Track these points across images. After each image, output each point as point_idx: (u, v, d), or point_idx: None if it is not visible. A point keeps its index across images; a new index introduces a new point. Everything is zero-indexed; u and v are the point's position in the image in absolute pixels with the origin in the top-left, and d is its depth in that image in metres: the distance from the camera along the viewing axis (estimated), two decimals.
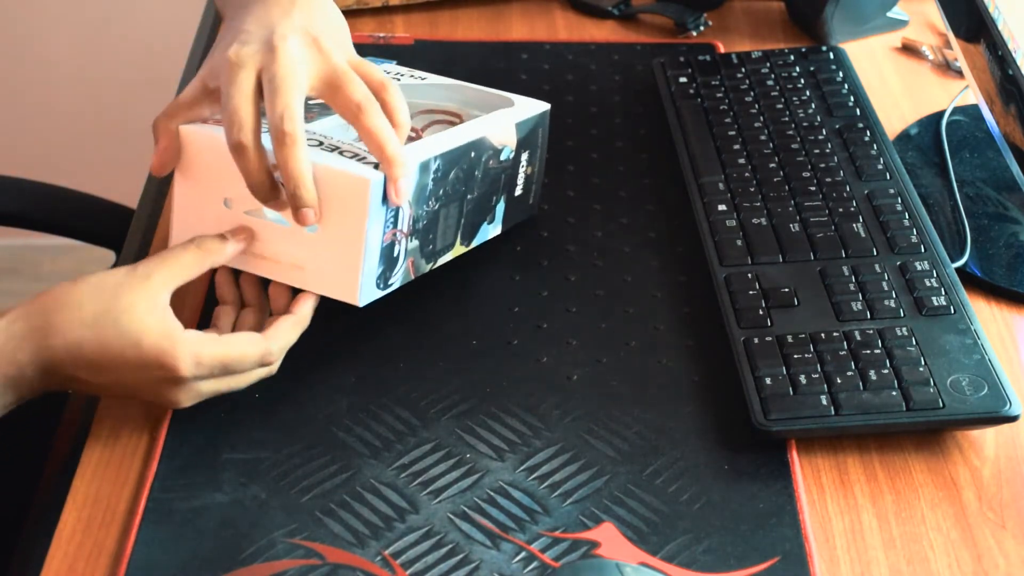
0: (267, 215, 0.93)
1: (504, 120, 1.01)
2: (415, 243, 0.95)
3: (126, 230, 1.13)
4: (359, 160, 0.90)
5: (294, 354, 0.96)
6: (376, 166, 0.90)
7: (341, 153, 0.91)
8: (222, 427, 0.92)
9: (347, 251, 0.91)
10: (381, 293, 0.94)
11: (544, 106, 1.06)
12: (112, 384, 0.87)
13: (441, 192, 0.96)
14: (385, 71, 1.08)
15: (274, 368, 0.92)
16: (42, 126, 2.30)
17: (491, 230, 1.04)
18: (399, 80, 1.07)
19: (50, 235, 1.38)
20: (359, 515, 0.86)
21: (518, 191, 1.05)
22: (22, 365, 0.86)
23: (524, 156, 1.04)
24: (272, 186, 0.89)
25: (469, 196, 0.99)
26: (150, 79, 1.91)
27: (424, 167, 0.93)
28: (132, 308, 0.86)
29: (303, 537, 0.85)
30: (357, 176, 0.89)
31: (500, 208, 1.03)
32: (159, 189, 1.14)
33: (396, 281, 0.95)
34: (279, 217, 0.92)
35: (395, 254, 0.94)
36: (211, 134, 0.92)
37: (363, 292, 0.92)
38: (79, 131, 2.30)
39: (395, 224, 0.92)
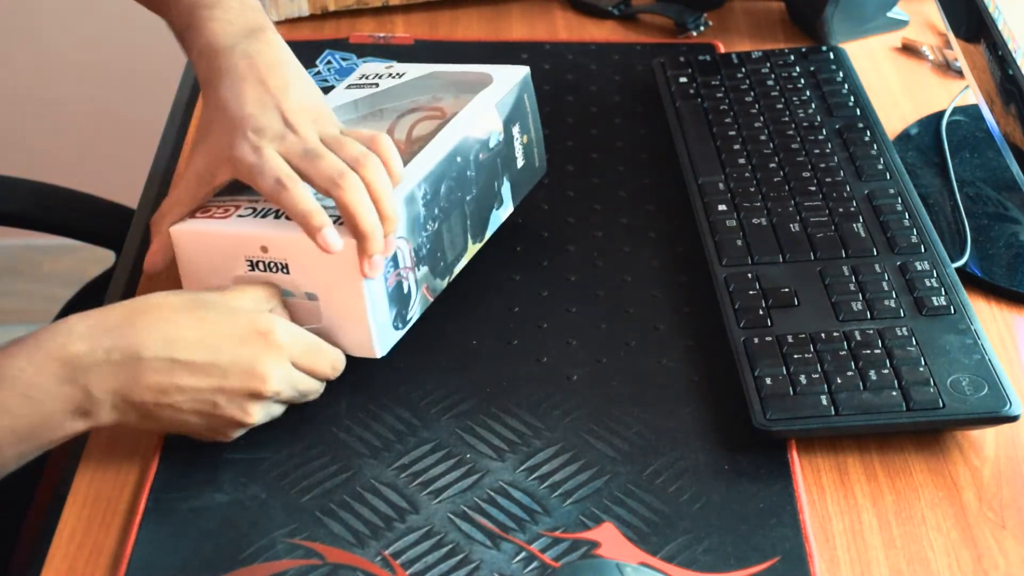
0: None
1: (482, 108, 1.00)
2: (424, 269, 0.95)
3: (126, 230, 1.13)
4: (342, 223, 0.90)
5: None
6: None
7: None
8: None
9: (352, 312, 0.91)
10: (402, 332, 0.95)
11: (522, 72, 1.05)
12: (206, 365, 0.85)
13: (437, 210, 0.95)
14: (363, 74, 1.08)
15: (320, 389, 0.92)
16: (41, 126, 2.30)
17: (502, 214, 1.03)
18: (377, 85, 1.06)
19: (50, 235, 1.38)
20: (359, 515, 0.86)
21: (520, 163, 1.04)
22: (93, 344, 0.84)
23: (515, 129, 1.03)
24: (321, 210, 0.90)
25: (468, 197, 0.99)
26: (150, 79, 1.91)
27: (411, 199, 0.93)
28: (220, 300, 0.88)
29: (303, 537, 0.85)
30: (343, 244, 0.89)
31: (506, 189, 1.03)
32: (159, 189, 1.14)
33: (415, 314, 0.95)
34: (285, 292, 0.92)
35: (405, 291, 0.94)
36: (201, 228, 0.93)
37: (380, 343, 0.93)
38: (79, 131, 2.30)
39: (396, 266, 0.92)
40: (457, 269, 0.99)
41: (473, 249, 1.01)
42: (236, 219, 0.92)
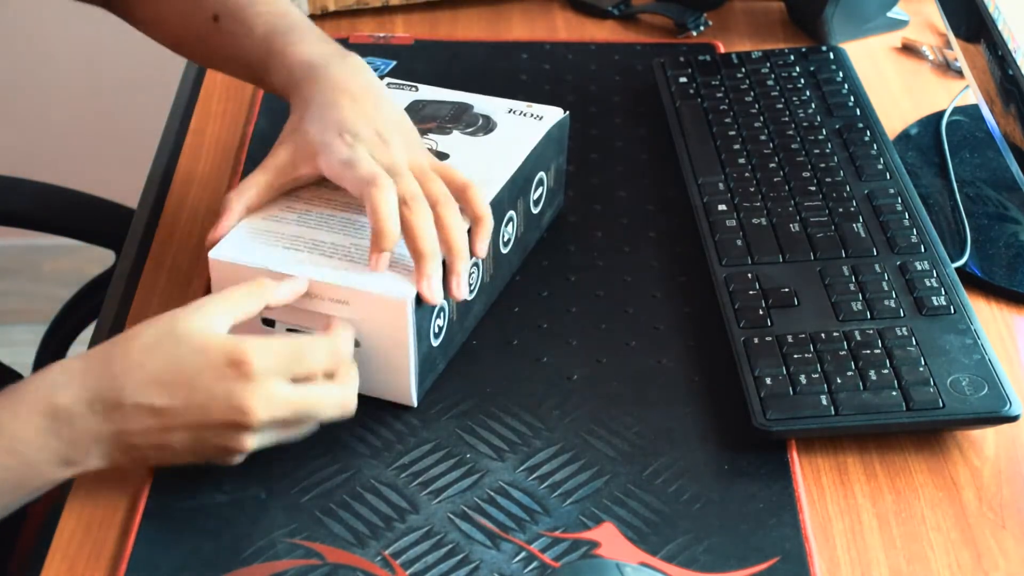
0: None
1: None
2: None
3: (126, 230, 1.13)
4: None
5: None
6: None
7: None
8: None
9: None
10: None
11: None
12: (183, 407, 0.82)
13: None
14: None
15: (349, 401, 0.88)
16: (42, 126, 2.30)
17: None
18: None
19: (50, 235, 1.38)
20: (359, 515, 0.86)
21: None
22: (74, 396, 0.82)
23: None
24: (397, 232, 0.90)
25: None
26: (150, 79, 1.91)
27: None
28: (192, 330, 0.84)
29: (303, 537, 0.85)
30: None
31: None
32: (159, 189, 1.14)
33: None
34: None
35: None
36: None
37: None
38: (79, 131, 2.30)
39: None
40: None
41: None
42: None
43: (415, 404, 0.93)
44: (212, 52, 1.06)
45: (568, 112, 1.06)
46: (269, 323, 0.92)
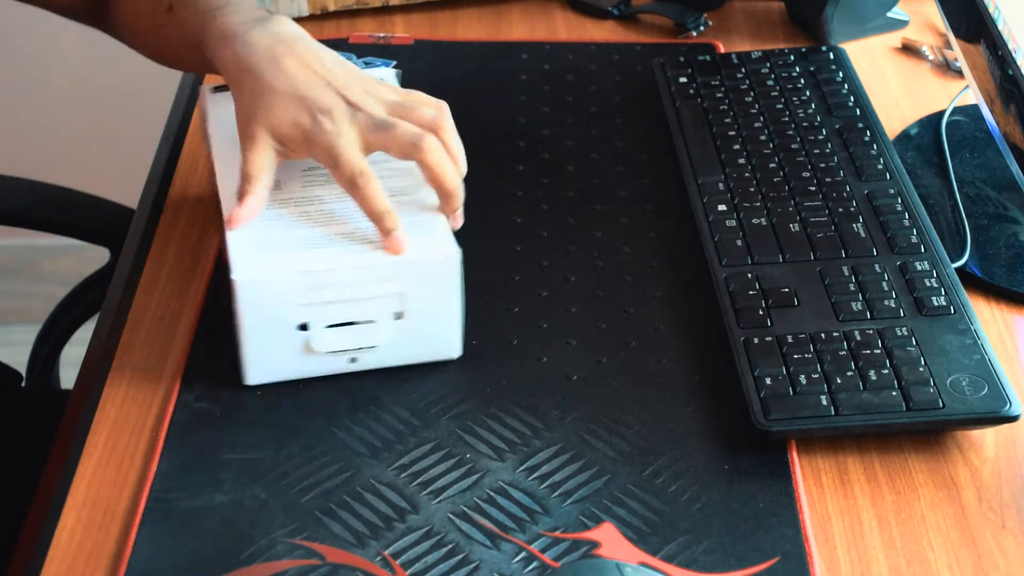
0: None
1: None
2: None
3: (126, 230, 1.13)
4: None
5: None
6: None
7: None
8: (222, 427, 0.92)
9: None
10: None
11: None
12: None
13: None
14: None
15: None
16: (42, 126, 2.30)
17: None
18: None
19: (50, 235, 1.38)
20: (359, 515, 0.86)
21: None
22: None
23: None
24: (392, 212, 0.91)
25: None
26: (150, 79, 1.91)
27: None
28: None
29: (303, 537, 0.85)
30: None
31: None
32: (159, 189, 1.14)
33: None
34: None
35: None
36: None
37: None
38: (79, 131, 2.30)
39: None
40: None
41: None
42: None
43: (461, 354, 0.95)
44: (166, 42, 1.05)
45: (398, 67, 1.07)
46: (303, 328, 0.92)
